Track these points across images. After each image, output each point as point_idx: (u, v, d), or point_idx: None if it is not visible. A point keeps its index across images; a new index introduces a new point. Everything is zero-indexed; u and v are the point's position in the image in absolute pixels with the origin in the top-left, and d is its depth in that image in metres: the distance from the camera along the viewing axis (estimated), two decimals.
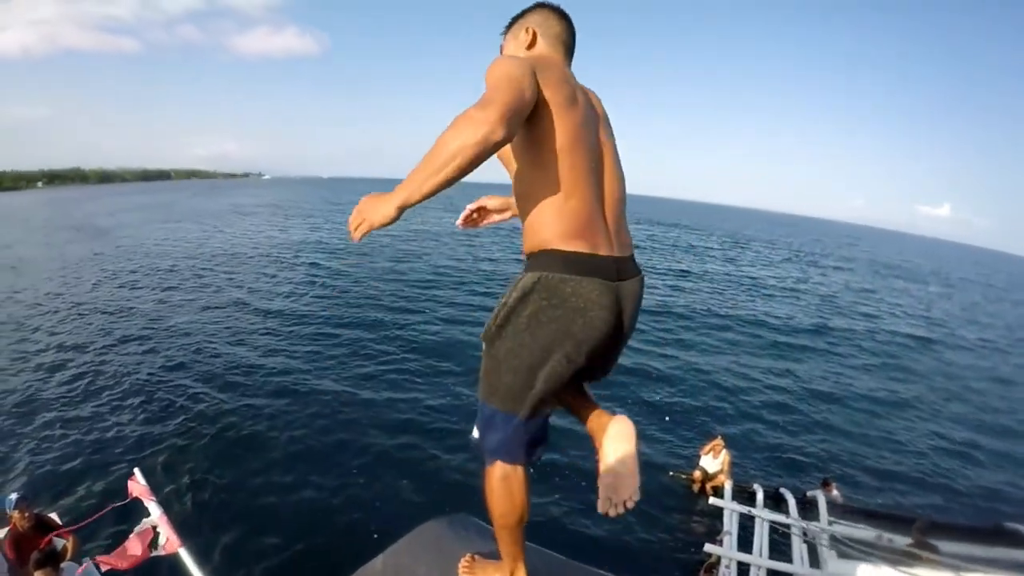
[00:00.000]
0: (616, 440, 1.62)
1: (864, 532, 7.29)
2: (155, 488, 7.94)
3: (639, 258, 1.66)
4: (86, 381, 12.18)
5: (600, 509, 1.61)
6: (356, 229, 1.43)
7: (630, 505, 1.59)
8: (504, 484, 1.65)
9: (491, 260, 28.57)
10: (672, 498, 9.36)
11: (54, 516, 5.91)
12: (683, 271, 30.19)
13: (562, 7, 1.76)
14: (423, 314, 17.62)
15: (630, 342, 1.72)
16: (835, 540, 7.01)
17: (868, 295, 30.49)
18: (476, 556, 1.98)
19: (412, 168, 1.32)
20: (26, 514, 5.24)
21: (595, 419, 1.73)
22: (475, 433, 1.67)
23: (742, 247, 48.47)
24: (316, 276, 23.22)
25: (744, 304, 23.16)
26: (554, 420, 1.76)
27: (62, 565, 5.03)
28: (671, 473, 9.87)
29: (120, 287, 21.07)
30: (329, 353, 13.92)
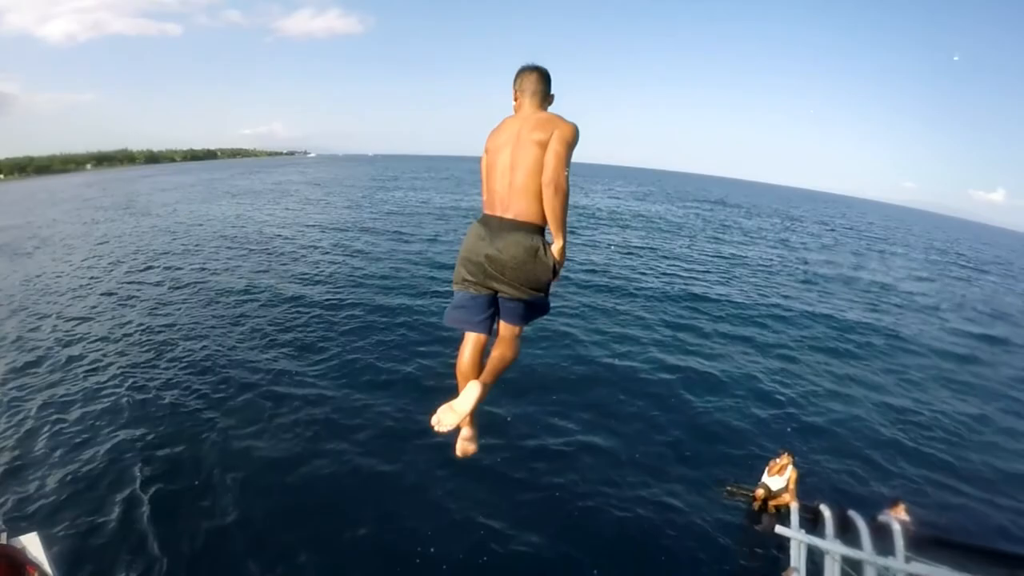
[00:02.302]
0: (469, 392, 2.59)
1: (947, 574, 6.28)
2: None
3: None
4: (82, 377, 12.09)
5: (432, 420, 2.55)
6: None
7: (441, 429, 2.54)
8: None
9: None
10: (729, 517, 8.69)
11: (32, 538, 5.24)
12: (733, 255, 28.85)
13: (534, 63, 2.78)
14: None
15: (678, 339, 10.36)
16: None
17: (928, 284, 28.53)
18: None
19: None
20: None
21: (474, 372, 2.71)
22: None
23: (793, 229, 46.11)
24: (343, 259, 22.85)
25: (799, 294, 21.81)
26: None
27: None
28: (728, 488, 9.17)
29: (142, 269, 21.52)
30: (344, 350, 13.52)
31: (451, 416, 2.57)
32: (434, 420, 2.58)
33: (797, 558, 6.75)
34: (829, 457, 10.30)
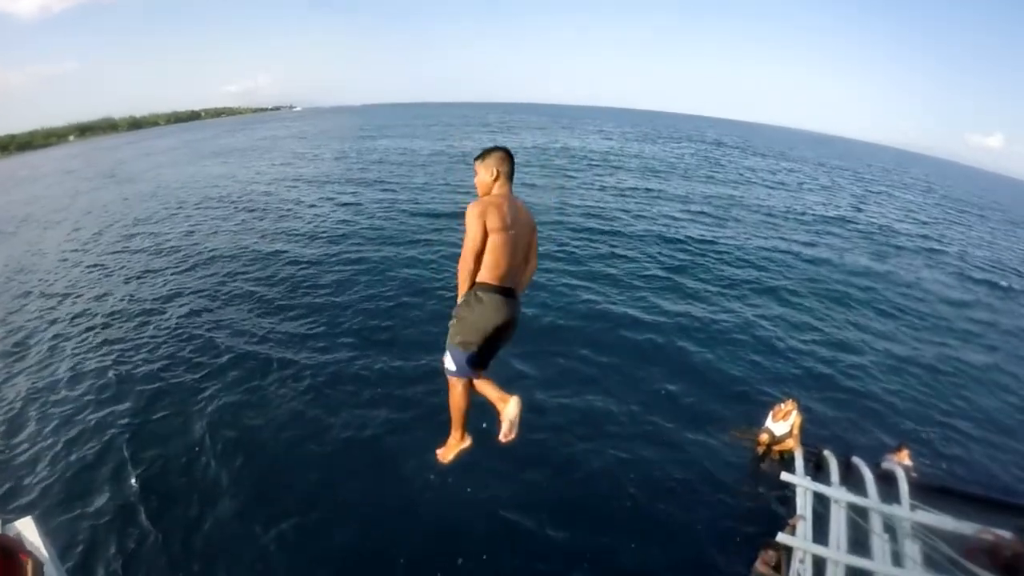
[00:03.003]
0: (513, 408, 3.24)
1: (954, 524, 6.30)
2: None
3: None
4: (69, 354, 11.81)
5: (501, 437, 3.26)
6: None
7: (512, 437, 3.26)
8: (454, 389, 3.38)
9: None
10: (733, 462, 8.67)
11: (27, 522, 4.99)
12: (730, 196, 28.09)
13: (506, 146, 3.34)
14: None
15: (675, 282, 14.41)
16: (919, 533, 6.15)
17: (928, 228, 27.51)
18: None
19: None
20: None
21: (497, 394, 3.35)
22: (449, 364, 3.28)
23: (790, 170, 44.46)
24: (331, 213, 22.23)
25: (798, 236, 21.23)
26: None
27: None
28: (732, 433, 9.10)
29: (128, 237, 20.98)
30: (336, 306, 13.26)
31: (514, 426, 3.30)
32: (502, 437, 3.30)
33: (803, 505, 6.69)
34: (831, 403, 10.19)
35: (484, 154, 3.31)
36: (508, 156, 3.29)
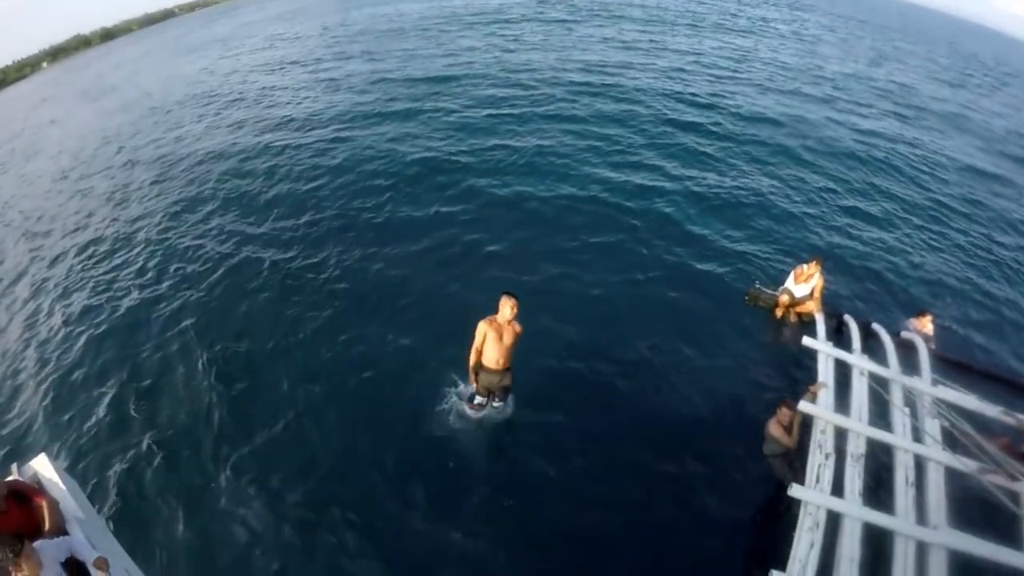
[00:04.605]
0: None
1: (975, 403, 6.02)
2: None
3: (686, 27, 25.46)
4: (60, 293, 11.34)
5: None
6: None
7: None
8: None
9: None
10: (750, 323, 8.40)
11: (41, 460, 4.74)
12: (740, 47, 25.55)
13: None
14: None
15: (681, 143, 13.79)
16: (941, 410, 5.88)
17: (952, 91, 24.81)
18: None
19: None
20: None
21: None
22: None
23: (804, 21, 39.43)
24: (322, 96, 20.46)
25: (814, 92, 19.52)
26: None
27: (36, 544, 3.82)
28: (749, 292, 8.71)
29: (111, 154, 19.82)
30: (335, 196, 12.48)
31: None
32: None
33: (825, 372, 6.40)
34: (848, 269, 9.73)
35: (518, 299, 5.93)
36: None
